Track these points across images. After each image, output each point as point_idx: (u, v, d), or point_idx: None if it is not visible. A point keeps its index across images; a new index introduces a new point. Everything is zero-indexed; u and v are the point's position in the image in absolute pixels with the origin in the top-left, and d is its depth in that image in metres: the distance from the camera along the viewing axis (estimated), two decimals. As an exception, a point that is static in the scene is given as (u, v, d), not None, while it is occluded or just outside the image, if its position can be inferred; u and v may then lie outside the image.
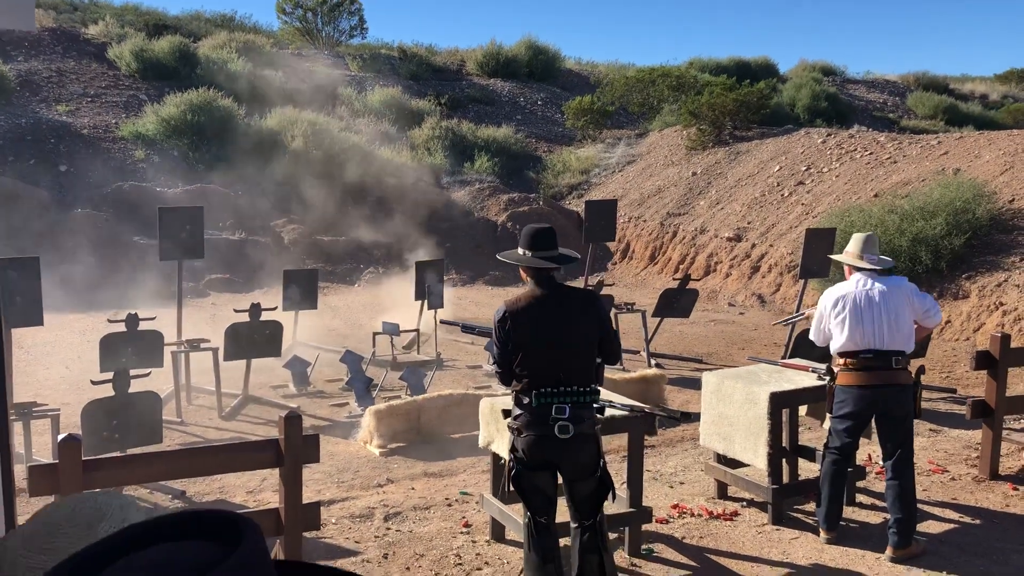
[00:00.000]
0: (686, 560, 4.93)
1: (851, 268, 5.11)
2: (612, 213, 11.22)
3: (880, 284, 4.94)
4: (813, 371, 5.71)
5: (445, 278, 11.36)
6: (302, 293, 9.94)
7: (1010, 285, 11.12)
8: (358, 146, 18.93)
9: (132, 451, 5.51)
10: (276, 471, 4.35)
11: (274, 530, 4.09)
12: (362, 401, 8.08)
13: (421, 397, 7.53)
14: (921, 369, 5.31)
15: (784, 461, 5.59)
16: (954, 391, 8.81)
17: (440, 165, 20.07)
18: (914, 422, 5.05)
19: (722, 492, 5.87)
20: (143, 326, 7.44)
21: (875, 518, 5.49)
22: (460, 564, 4.85)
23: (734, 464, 5.76)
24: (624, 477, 5.04)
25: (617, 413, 4.72)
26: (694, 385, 8.13)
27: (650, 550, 5.02)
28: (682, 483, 6.19)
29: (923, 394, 5.90)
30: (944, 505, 5.76)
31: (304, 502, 4.18)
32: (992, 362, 6.22)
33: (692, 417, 5.22)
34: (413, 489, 6.13)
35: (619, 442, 5.47)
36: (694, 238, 16.33)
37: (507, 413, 4.08)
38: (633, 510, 4.90)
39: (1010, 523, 5.48)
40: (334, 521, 5.46)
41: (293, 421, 4.06)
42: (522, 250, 4.02)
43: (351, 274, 15.57)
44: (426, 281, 10.13)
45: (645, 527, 5.08)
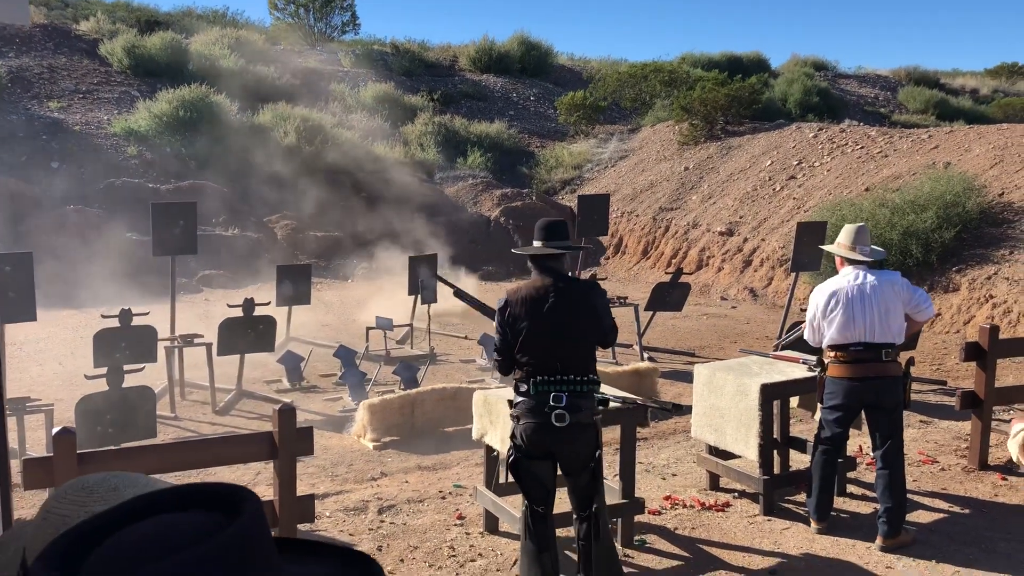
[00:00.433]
0: (678, 551, 4.97)
1: (843, 259, 5.11)
2: (605, 208, 11.24)
3: (872, 278, 4.94)
4: (804, 363, 5.76)
5: (438, 273, 11.37)
6: (295, 288, 9.96)
7: (1000, 278, 11.18)
8: (351, 142, 18.92)
9: (126, 446, 5.52)
10: (270, 465, 4.37)
11: (269, 523, 4.11)
12: (356, 395, 8.10)
13: (414, 391, 7.56)
14: (911, 361, 5.35)
15: (775, 452, 5.64)
16: (944, 383, 8.87)
17: (433, 160, 20.07)
18: (904, 413, 5.09)
19: (714, 483, 5.92)
20: (136, 321, 7.44)
21: (865, 508, 5.54)
22: (454, 556, 4.88)
23: (726, 456, 5.81)
24: (617, 469, 5.08)
25: (610, 405, 4.76)
26: (686, 378, 8.17)
27: (643, 541, 5.06)
28: (674, 475, 6.23)
29: (913, 386, 5.96)
30: (934, 495, 5.81)
31: (298, 495, 4.21)
32: (981, 353, 6.27)
33: (684, 409, 5.25)
34: (407, 482, 6.16)
35: (612, 434, 5.50)
36: (686, 232, 16.37)
37: (511, 403, 4.14)
38: (626, 501, 4.94)
39: (999, 512, 5.53)
40: (328, 514, 5.49)
41: (287, 414, 4.08)
42: (536, 242, 4.12)
43: (344, 269, 15.58)
44: (419, 276, 10.15)
45: (638, 518, 5.12)
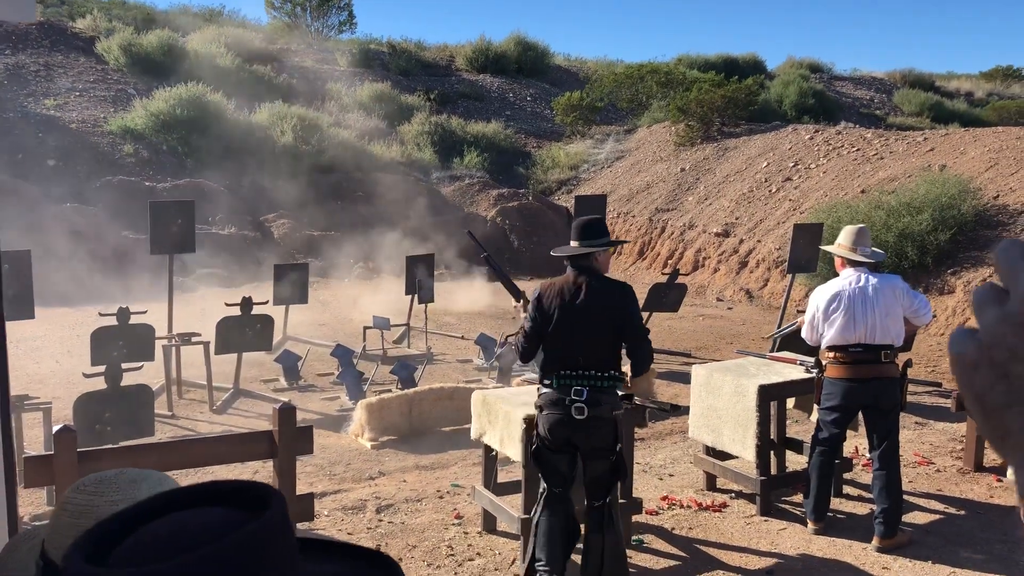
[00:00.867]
0: (676, 551, 4.99)
1: (843, 260, 5.12)
2: (602, 208, 11.25)
3: (875, 280, 4.94)
4: (801, 364, 5.78)
5: (435, 272, 11.39)
6: (293, 287, 9.96)
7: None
8: (348, 141, 18.92)
9: (126, 444, 5.53)
10: (269, 464, 4.38)
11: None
12: (353, 395, 8.11)
13: (412, 391, 7.57)
14: (908, 363, 5.37)
15: (772, 453, 5.65)
16: (939, 385, 8.90)
17: (430, 160, 20.08)
18: (900, 414, 5.11)
19: (711, 484, 5.94)
20: (134, 320, 7.44)
21: (862, 509, 5.57)
22: (452, 555, 4.89)
23: (723, 456, 5.83)
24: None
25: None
26: (683, 379, 8.19)
27: (640, 541, 5.08)
28: (672, 475, 6.25)
29: (909, 388, 5.99)
30: (930, 496, 5.84)
31: (297, 494, 4.22)
32: (977, 355, 6.29)
33: (681, 410, 5.28)
34: (405, 481, 6.17)
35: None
36: (682, 234, 16.41)
37: (538, 392, 4.24)
38: (623, 501, 4.95)
39: (994, 514, 5.56)
40: (326, 513, 5.50)
41: (287, 413, 4.09)
42: (573, 243, 4.25)
43: (341, 269, 15.58)
44: (417, 275, 10.16)
45: (635, 518, 5.14)
